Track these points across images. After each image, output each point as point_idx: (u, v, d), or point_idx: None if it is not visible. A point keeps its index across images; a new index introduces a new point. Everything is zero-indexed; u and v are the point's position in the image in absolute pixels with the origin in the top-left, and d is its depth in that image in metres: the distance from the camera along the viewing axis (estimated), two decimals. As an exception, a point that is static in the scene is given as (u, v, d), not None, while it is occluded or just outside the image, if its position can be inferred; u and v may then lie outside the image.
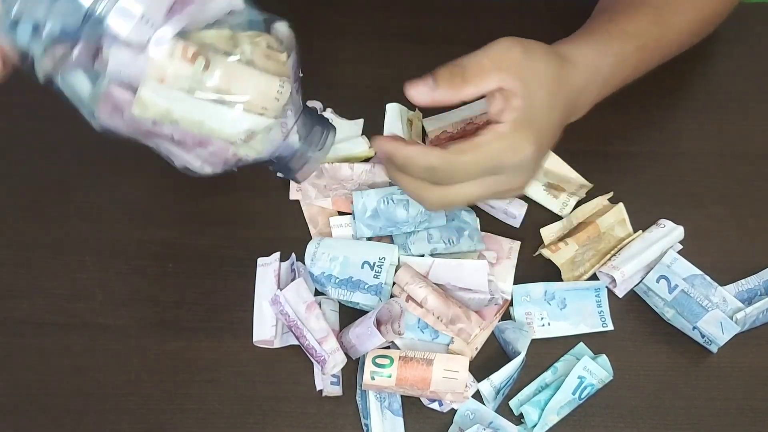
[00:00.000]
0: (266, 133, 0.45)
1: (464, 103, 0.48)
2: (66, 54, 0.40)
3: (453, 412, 0.52)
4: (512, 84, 0.46)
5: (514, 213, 0.57)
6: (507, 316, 0.55)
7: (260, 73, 0.43)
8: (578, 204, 0.59)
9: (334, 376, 0.52)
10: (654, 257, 0.55)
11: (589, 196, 0.59)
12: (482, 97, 0.47)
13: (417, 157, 0.48)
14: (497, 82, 0.46)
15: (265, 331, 0.53)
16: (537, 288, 0.56)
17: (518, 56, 0.47)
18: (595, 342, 0.54)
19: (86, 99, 0.43)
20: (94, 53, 0.40)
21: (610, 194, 0.59)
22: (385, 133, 0.59)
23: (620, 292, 0.56)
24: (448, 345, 0.53)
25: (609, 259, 0.56)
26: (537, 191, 0.59)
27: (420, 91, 0.46)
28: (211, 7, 0.42)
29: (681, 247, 0.57)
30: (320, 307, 0.53)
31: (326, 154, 0.48)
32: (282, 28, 0.45)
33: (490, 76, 0.46)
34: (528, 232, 0.58)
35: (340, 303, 0.55)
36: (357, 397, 0.53)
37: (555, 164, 0.60)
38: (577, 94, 0.51)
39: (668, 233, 0.57)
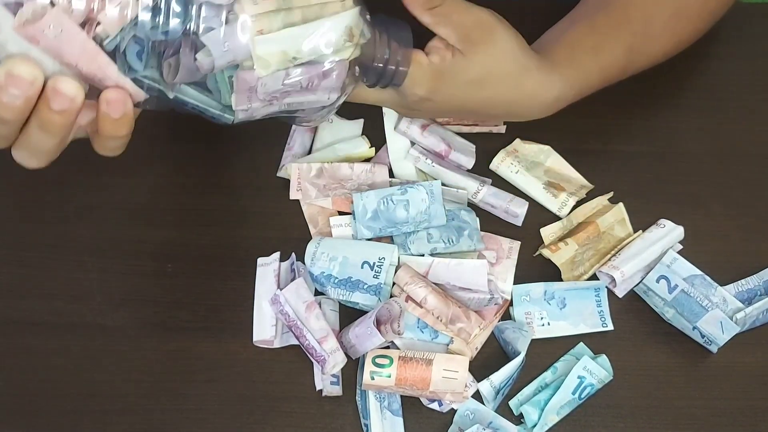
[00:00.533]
0: (359, 26, 0.45)
1: None
2: (176, 62, 0.41)
3: (453, 412, 0.52)
4: (456, 44, 0.49)
5: (516, 212, 0.57)
6: (507, 316, 0.55)
7: None
8: (578, 204, 0.59)
9: (333, 376, 0.52)
10: (654, 257, 0.55)
11: (589, 196, 0.59)
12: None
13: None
14: (446, 34, 0.49)
15: (265, 330, 0.53)
16: (537, 288, 0.56)
17: (480, 34, 0.50)
18: (595, 342, 0.54)
19: (212, 101, 0.44)
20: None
21: (611, 194, 0.59)
22: (386, 135, 0.59)
23: (620, 292, 0.56)
24: (447, 345, 0.53)
25: (609, 259, 0.56)
26: (536, 190, 0.59)
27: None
28: None
29: (681, 247, 0.57)
30: (320, 306, 0.53)
31: (410, 54, 0.49)
32: None
33: (446, 25, 0.49)
34: (528, 232, 0.58)
35: (339, 303, 0.55)
36: (357, 397, 0.53)
37: (557, 162, 0.60)
38: (512, 91, 0.53)
39: (668, 233, 0.56)
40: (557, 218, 0.58)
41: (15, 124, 0.39)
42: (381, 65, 0.48)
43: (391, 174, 0.59)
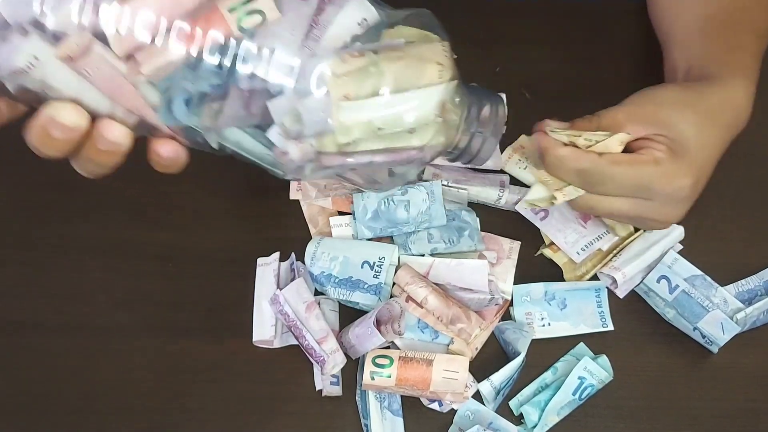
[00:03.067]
0: (453, 93, 0.42)
1: None
2: (220, 107, 0.39)
3: (453, 412, 0.52)
4: (650, 131, 0.47)
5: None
6: (507, 316, 0.55)
7: (416, 58, 0.40)
8: None
9: (333, 376, 0.52)
10: (655, 258, 0.55)
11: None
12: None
13: (569, 158, 0.48)
14: (631, 132, 0.48)
15: (264, 331, 0.53)
16: (537, 288, 0.56)
17: (651, 109, 0.48)
18: (596, 342, 0.54)
19: (263, 151, 0.42)
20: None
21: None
22: None
23: (621, 293, 0.56)
24: (448, 345, 0.53)
25: (610, 260, 0.56)
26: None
27: (553, 124, 0.48)
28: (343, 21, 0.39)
29: (681, 247, 0.57)
30: (320, 306, 0.53)
31: (502, 128, 0.46)
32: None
33: (624, 128, 0.48)
34: (529, 232, 0.58)
35: (339, 303, 0.55)
36: (357, 397, 0.53)
37: None
38: (735, 112, 0.51)
39: (669, 233, 0.56)
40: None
41: (62, 156, 0.39)
42: (467, 139, 0.44)
43: (391, 174, 0.59)
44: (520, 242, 0.57)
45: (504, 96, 0.60)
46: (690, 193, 0.48)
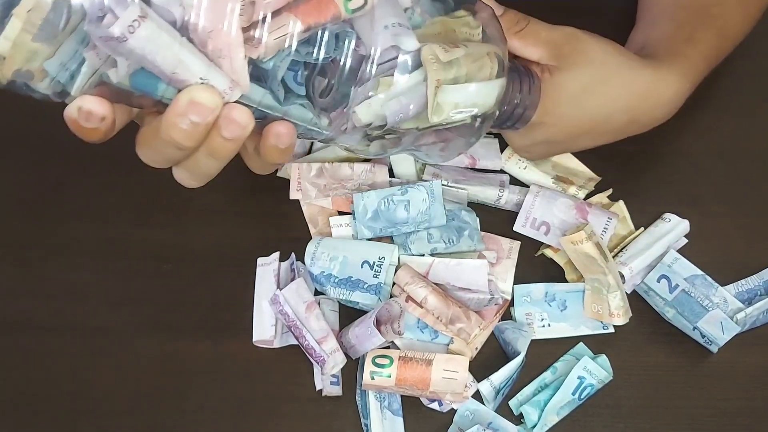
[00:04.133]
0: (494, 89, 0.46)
1: None
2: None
3: (453, 412, 0.52)
4: (550, 62, 0.49)
5: None
6: (507, 316, 0.55)
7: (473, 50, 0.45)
8: (587, 197, 0.59)
9: (333, 376, 0.52)
10: (662, 252, 0.55)
11: (597, 189, 0.59)
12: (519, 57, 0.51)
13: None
14: (538, 56, 0.50)
15: (264, 331, 0.53)
16: (538, 289, 0.56)
17: (570, 48, 0.49)
18: (595, 342, 0.54)
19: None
20: None
21: (609, 191, 0.59)
22: None
23: (628, 288, 0.56)
24: (447, 345, 0.53)
25: (614, 256, 0.56)
26: (546, 184, 0.59)
27: (490, 2, 0.49)
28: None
29: (686, 241, 0.57)
30: (320, 306, 0.53)
31: (538, 99, 0.50)
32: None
33: (537, 47, 0.49)
34: (528, 231, 0.58)
35: (339, 303, 0.55)
36: (357, 397, 0.53)
37: (563, 157, 0.60)
38: (649, 103, 0.52)
39: (674, 227, 0.56)
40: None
41: (189, 151, 0.39)
42: (510, 110, 0.49)
43: (391, 174, 0.59)
44: (519, 242, 0.57)
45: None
46: (541, 133, 0.51)
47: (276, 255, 0.55)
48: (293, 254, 0.55)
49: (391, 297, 0.53)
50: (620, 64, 0.51)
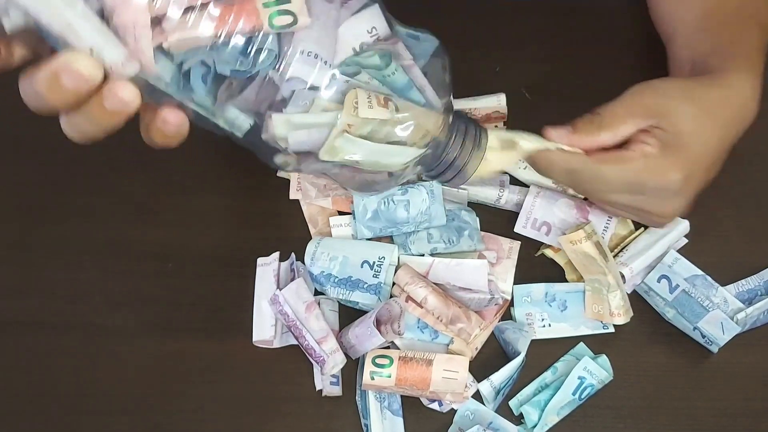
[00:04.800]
0: (424, 156, 0.45)
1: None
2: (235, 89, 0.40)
3: (453, 412, 0.52)
4: (650, 122, 0.47)
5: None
6: (507, 316, 0.55)
7: (417, 104, 0.43)
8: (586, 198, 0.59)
9: (333, 376, 0.52)
10: (662, 252, 0.55)
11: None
12: (621, 145, 0.49)
13: (558, 160, 0.48)
14: (632, 126, 0.48)
15: (264, 331, 0.53)
16: (538, 289, 0.56)
17: (651, 100, 0.48)
18: (596, 342, 0.54)
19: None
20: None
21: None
22: None
23: (628, 288, 0.56)
24: (447, 345, 0.53)
25: (615, 256, 0.56)
26: (546, 184, 0.58)
27: (559, 133, 0.48)
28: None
29: (686, 241, 0.57)
30: (319, 306, 0.53)
31: (482, 154, 0.48)
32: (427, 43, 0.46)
33: (625, 123, 0.48)
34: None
35: (339, 303, 0.55)
36: (357, 397, 0.53)
37: None
38: (738, 107, 0.51)
39: (674, 227, 0.56)
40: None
41: (62, 108, 0.38)
42: (444, 167, 0.47)
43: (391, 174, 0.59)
44: (520, 242, 0.57)
45: (504, 96, 0.60)
46: (682, 186, 0.48)
47: (276, 255, 0.55)
48: (293, 254, 0.55)
49: (391, 297, 0.53)
50: (698, 89, 0.50)
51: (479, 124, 0.49)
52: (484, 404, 0.52)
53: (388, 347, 0.53)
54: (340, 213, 0.58)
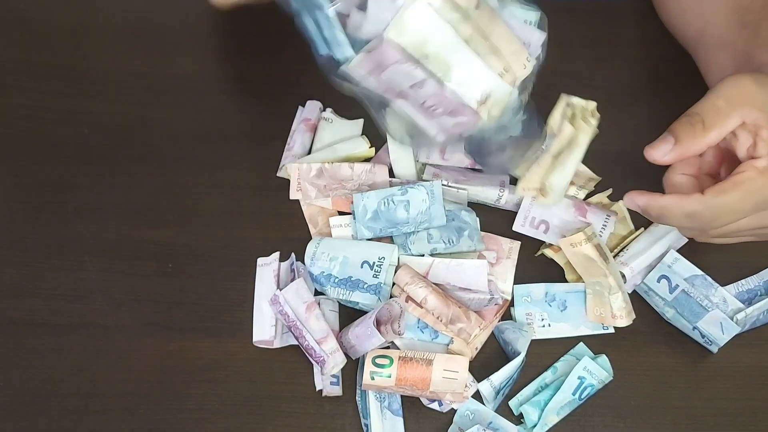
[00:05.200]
0: (501, 101, 0.43)
1: None
2: None
3: (453, 412, 0.52)
4: (755, 116, 0.45)
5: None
6: (507, 316, 0.55)
7: (514, 34, 0.42)
8: (586, 198, 0.59)
9: (333, 376, 0.52)
10: (662, 251, 0.55)
11: (597, 189, 0.59)
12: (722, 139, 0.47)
13: (672, 206, 0.47)
14: (738, 118, 0.46)
15: (264, 331, 0.53)
16: (538, 289, 0.56)
17: (752, 89, 0.46)
18: (595, 342, 0.54)
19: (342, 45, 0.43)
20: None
21: (609, 191, 0.59)
22: (389, 143, 0.58)
23: (629, 288, 0.56)
24: (447, 345, 0.53)
25: (615, 256, 0.56)
26: None
27: (662, 151, 0.46)
28: None
29: (686, 240, 0.57)
30: (319, 307, 0.53)
31: (541, 147, 0.47)
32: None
33: (730, 115, 0.46)
34: (528, 231, 0.58)
35: (339, 303, 0.55)
36: (357, 397, 0.53)
37: None
38: None
39: (673, 227, 0.56)
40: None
41: None
42: (501, 146, 0.47)
43: (391, 174, 0.59)
44: (519, 242, 0.57)
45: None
46: None
47: (276, 255, 0.55)
48: (293, 254, 0.55)
49: (391, 297, 0.53)
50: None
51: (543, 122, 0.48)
52: (484, 404, 0.52)
53: (388, 347, 0.53)
54: (340, 213, 0.58)
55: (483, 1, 0.42)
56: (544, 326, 0.55)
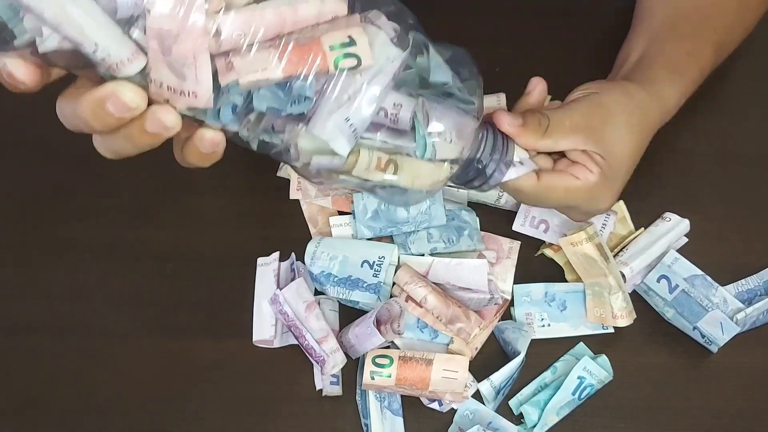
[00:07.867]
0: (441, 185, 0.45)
1: None
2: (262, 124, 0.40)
3: (453, 411, 0.52)
4: (591, 147, 0.48)
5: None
6: (507, 316, 0.55)
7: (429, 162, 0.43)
8: None
9: (333, 375, 0.52)
10: (662, 251, 0.55)
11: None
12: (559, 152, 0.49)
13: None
14: (572, 144, 0.48)
15: (264, 330, 0.53)
16: (538, 289, 0.56)
17: (598, 122, 0.49)
18: (595, 342, 0.54)
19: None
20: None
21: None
22: None
23: (629, 288, 0.56)
24: (447, 345, 0.53)
25: (615, 255, 0.56)
26: None
27: (509, 122, 0.47)
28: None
29: (686, 240, 0.57)
30: (319, 306, 0.53)
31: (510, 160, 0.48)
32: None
33: (567, 137, 0.48)
34: (528, 231, 0.58)
35: (339, 302, 0.55)
36: (357, 397, 0.53)
37: None
38: (662, 117, 0.53)
39: (674, 227, 0.56)
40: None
41: (104, 131, 0.39)
42: (478, 169, 0.46)
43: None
44: (519, 242, 0.57)
45: (504, 96, 0.60)
46: (610, 204, 0.51)
47: (276, 255, 0.55)
48: (293, 254, 0.55)
49: (391, 297, 0.53)
50: (631, 105, 0.51)
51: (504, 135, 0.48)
52: (483, 404, 0.52)
53: (388, 347, 0.53)
54: (340, 213, 0.58)
55: (399, 162, 0.42)
56: (543, 326, 0.55)
